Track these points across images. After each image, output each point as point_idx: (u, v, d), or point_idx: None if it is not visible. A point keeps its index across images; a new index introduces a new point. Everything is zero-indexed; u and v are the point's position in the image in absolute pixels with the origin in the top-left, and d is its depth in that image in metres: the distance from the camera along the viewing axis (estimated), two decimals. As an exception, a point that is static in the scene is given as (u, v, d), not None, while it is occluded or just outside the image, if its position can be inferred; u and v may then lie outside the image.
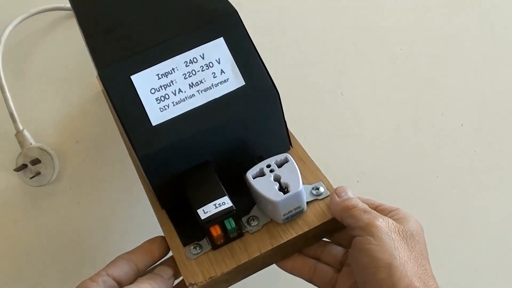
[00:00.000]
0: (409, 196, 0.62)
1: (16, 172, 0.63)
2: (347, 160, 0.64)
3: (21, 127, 0.63)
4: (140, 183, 0.54)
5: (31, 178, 0.63)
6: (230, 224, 0.44)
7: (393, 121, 0.66)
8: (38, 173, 0.63)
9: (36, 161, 0.63)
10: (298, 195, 0.44)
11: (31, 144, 0.63)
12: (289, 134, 0.52)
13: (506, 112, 0.67)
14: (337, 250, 0.48)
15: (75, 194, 0.63)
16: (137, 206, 0.60)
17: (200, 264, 0.45)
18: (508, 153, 0.65)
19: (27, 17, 0.69)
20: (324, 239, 0.49)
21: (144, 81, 0.45)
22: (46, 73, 0.70)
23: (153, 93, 0.45)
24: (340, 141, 0.66)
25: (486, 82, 0.69)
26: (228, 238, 0.45)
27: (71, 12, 0.52)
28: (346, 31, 0.72)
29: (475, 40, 0.71)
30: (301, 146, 0.52)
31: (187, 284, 0.44)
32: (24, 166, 0.63)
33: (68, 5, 0.52)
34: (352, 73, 0.69)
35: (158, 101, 0.45)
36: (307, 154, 0.51)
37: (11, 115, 0.63)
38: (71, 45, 0.70)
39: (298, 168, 0.46)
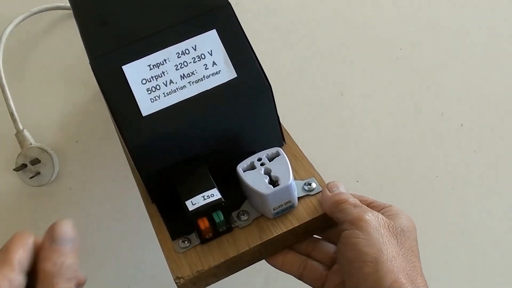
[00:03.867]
0: (409, 196, 0.62)
1: (16, 172, 0.63)
2: (347, 160, 0.64)
3: (21, 127, 0.63)
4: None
5: (31, 178, 0.63)
6: (219, 217, 0.43)
7: (393, 121, 0.66)
8: (38, 173, 0.63)
9: (36, 161, 0.63)
10: (288, 188, 0.44)
11: (31, 144, 0.63)
12: (283, 130, 0.51)
13: (506, 112, 0.66)
14: (329, 247, 0.47)
15: (75, 194, 0.63)
16: (137, 206, 0.60)
17: (187, 258, 0.44)
18: (508, 153, 0.64)
19: (28, 16, 0.69)
20: (316, 236, 0.48)
21: (135, 72, 0.45)
22: (46, 73, 0.70)
23: (144, 83, 0.45)
24: (340, 141, 0.65)
25: (486, 82, 0.68)
26: (217, 232, 0.45)
27: (72, 12, 0.53)
28: (346, 31, 0.71)
29: (475, 40, 0.71)
30: (295, 143, 0.52)
31: (173, 278, 0.44)
32: (24, 166, 0.63)
33: (69, 4, 0.53)
34: (352, 73, 0.69)
35: (149, 92, 0.45)
36: (300, 150, 0.51)
37: (11, 114, 0.63)
38: (71, 44, 0.70)
39: (291, 163, 0.45)
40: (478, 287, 0.58)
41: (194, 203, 0.43)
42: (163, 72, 0.45)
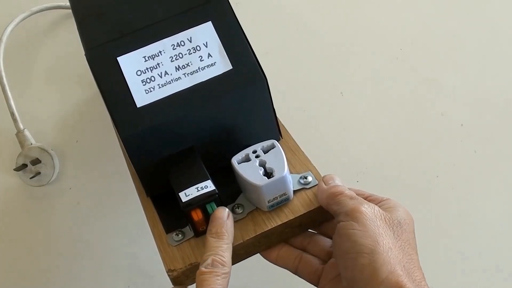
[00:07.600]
0: (409, 196, 0.61)
1: (16, 172, 0.63)
2: (347, 160, 0.64)
3: (21, 127, 0.64)
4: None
5: (31, 178, 0.63)
6: (212, 208, 0.43)
7: (393, 121, 0.66)
8: (38, 173, 0.63)
9: (36, 161, 0.63)
10: (282, 180, 0.43)
11: (31, 144, 0.63)
12: (280, 125, 0.51)
13: (506, 112, 0.66)
14: (324, 241, 0.46)
15: (75, 194, 0.63)
16: (137, 206, 0.60)
17: (181, 251, 0.44)
18: (508, 153, 0.63)
19: (28, 16, 0.70)
20: (311, 230, 0.48)
21: (130, 63, 0.45)
22: (47, 73, 0.70)
23: (139, 75, 0.45)
24: (340, 141, 0.65)
25: (486, 82, 0.68)
26: (211, 225, 0.44)
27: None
28: (346, 31, 0.71)
29: (475, 40, 0.71)
30: (292, 137, 0.51)
31: (166, 271, 0.43)
32: (24, 166, 0.63)
33: (69, 4, 0.53)
34: (352, 73, 0.69)
35: (144, 83, 0.45)
36: (297, 145, 0.50)
37: (12, 114, 0.64)
38: (72, 44, 0.71)
39: (287, 157, 0.45)
40: (478, 286, 0.57)
41: (188, 194, 0.43)
42: (158, 64, 0.45)
